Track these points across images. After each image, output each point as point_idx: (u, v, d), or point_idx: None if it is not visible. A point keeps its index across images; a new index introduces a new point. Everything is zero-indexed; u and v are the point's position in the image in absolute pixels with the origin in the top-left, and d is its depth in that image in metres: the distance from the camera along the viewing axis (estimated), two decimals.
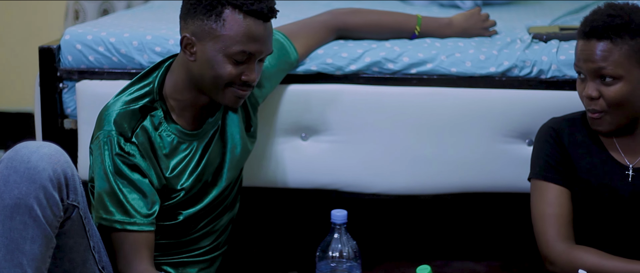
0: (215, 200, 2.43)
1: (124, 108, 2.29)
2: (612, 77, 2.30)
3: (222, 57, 2.25)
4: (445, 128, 2.69)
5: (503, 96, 2.68)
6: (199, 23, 2.24)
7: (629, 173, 2.41)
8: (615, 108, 2.33)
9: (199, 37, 2.25)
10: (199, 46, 2.26)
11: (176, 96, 2.34)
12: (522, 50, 2.72)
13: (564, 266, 2.35)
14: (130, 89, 2.34)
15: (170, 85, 2.34)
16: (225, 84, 2.28)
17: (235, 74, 2.27)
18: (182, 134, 2.35)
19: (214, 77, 2.27)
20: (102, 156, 2.26)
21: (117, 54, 2.73)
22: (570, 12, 3.46)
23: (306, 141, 2.73)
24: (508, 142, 2.69)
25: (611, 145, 2.44)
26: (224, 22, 2.23)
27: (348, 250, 2.28)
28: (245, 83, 2.29)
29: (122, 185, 2.25)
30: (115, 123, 2.27)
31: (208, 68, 2.26)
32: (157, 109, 2.32)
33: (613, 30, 2.29)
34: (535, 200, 2.45)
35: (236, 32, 2.23)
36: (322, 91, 2.69)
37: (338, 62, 2.69)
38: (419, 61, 2.69)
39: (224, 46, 2.24)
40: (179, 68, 2.33)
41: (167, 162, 2.33)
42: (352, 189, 2.74)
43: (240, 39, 2.24)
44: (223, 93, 2.30)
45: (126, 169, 2.26)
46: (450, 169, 2.72)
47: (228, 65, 2.26)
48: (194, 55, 2.27)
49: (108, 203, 2.25)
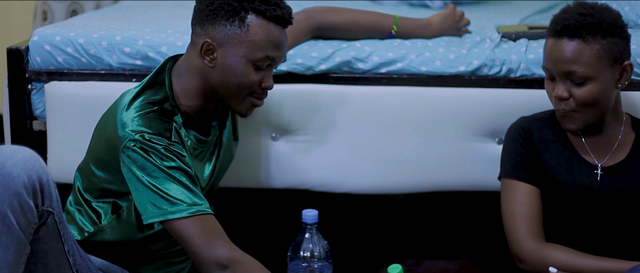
0: None
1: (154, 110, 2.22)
2: (583, 78, 2.31)
3: (246, 63, 2.24)
4: (415, 127, 2.70)
5: (473, 95, 2.69)
6: (221, 28, 2.23)
7: (597, 172, 2.42)
8: (585, 108, 2.34)
9: (220, 42, 2.24)
10: (220, 52, 2.24)
11: (187, 102, 2.31)
12: (492, 49, 2.73)
13: (534, 264, 2.36)
14: (142, 96, 2.26)
15: (178, 91, 2.31)
16: (248, 92, 2.28)
17: (257, 80, 2.27)
18: (197, 141, 2.33)
19: (237, 84, 2.26)
20: (148, 154, 2.16)
21: (86, 55, 2.71)
22: (539, 11, 3.48)
23: (277, 141, 2.73)
24: (478, 141, 2.70)
25: (580, 144, 2.45)
26: (248, 28, 2.22)
27: (319, 249, 2.28)
28: (264, 90, 2.30)
29: (180, 175, 2.17)
30: (149, 127, 2.19)
31: (230, 75, 2.25)
32: (177, 114, 2.28)
33: (585, 29, 2.30)
34: (506, 198, 2.46)
35: (260, 37, 2.23)
36: (292, 91, 2.69)
37: (308, 62, 2.69)
38: (388, 60, 2.70)
39: (249, 51, 2.23)
40: (191, 74, 2.29)
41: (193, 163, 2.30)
42: (323, 189, 2.74)
43: (264, 45, 2.24)
44: (242, 101, 2.30)
45: (179, 162, 2.18)
46: (420, 168, 2.72)
47: (251, 71, 2.25)
48: (214, 61, 2.25)
49: (170, 197, 2.14)
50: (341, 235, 2.67)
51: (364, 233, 3.00)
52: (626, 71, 2.36)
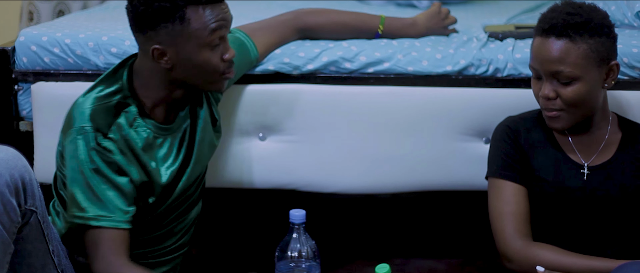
0: (181, 196, 2.42)
1: (97, 104, 2.25)
2: (570, 78, 2.31)
3: (200, 51, 2.25)
4: (402, 126, 2.70)
5: (460, 95, 2.69)
6: (164, 31, 2.22)
7: (584, 171, 2.43)
8: (571, 108, 2.35)
9: (168, 44, 2.24)
10: (171, 52, 2.24)
11: (148, 94, 2.31)
12: (479, 49, 2.74)
13: (521, 263, 2.37)
14: (98, 87, 2.30)
15: (139, 85, 2.32)
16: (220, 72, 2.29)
17: (218, 58, 2.27)
18: (157, 129, 2.33)
19: (202, 73, 2.28)
20: (77, 151, 2.21)
21: (73, 55, 2.71)
22: (526, 11, 3.49)
23: (264, 141, 2.73)
24: (465, 140, 2.70)
25: (566, 144, 2.46)
26: (189, 21, 2.22)
27: (307, 249, 2.28)
28: (229, 62, 2.31)
29: (99, 181, 2.22)
30: (91, 119, 2.23)
31: (191, 67, 2.26)
32: (130, 105, 2.30)
33: (572, 29, 2.30)
34: (493, 198, 2.46)
35: (202, 22, 2.23)
36: (279, 91, 2.69)
37: (295, 61, 2.69)
38: (376, 60, 2.70)
39: (198, 39, 2.23)
40: (147, 73, 2.30)
41: (146, 157, 2.31)
42: (311, 189, 2.74)
43: (210, 27, 2.23)
44: (214, 82, 2.32)
45: (104, 165, 2.22)
46: (408, 168, 2.73)
47: (209, 54, 2.26)
48: (170, 61, 2.25)
49: (81, 200, 2.21)
50: (329, 234, 2.67)
51: (352, 233, 3.00)
52: (613, 71, 2.36)
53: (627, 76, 2.67)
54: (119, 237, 2.22)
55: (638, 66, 2.66)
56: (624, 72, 2.66)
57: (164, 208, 2.39)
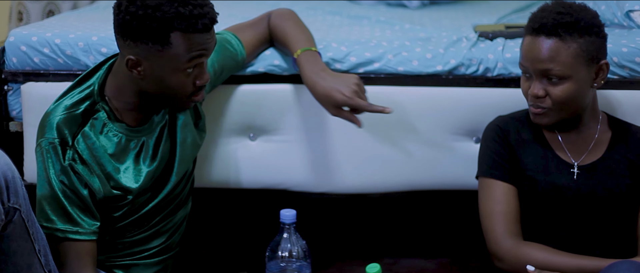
0: (167, 196, 2.41)
1: (65, 113, 2.27)
2: (559, 77, 2.32)
3: (173, 74, 2.23)
4: (393, 126, 2.70)
5: (450, 94, 2.69)
6: (144, 47, 2.20)
7: (574, 170, 2.44)
8: (560, 106, 2.36)
9: (144, 57, 2.22)
10: (146, 65, 2.23)
11: (120, 98, 2.32)
12: (469, 48, 2.74)
13: (512, 262, 2.37)
14: (71, 93, 2.31)
15: (113, 87, 2.31)
16: (188, 95, 2.27)
17: (190, 83, 2.26)
18: (129, 132, 2.33)
19: (171, 93, 2.27)
20: (45, 163, 2.24)
21: (63, 55, 2.70)
22: (516, 11, 3.49)
23: (254, 141, 2.73)
24: (455, 140, 2.71)
25: (556, 143, 2.46)
26: (170, 45, 2.20)
27: (297, 249, 2.28)
28: (200, 87, 2.29)
29: (66, 195, 2.24)
30: (58, 130, 2.25)
31: (161, 84, 2.25)
32: (99, 111, 2.30)
33: (562, 28, 2.30)
34: (483, 197, 2.47)
35: (184, 49, 2.20)
36: (269, 91, 2.69)
37: (285, 63, 2.68)
38: (366, 60, 2.70)
39: (174, 63, 2.21)
40: (123, 76, 2.29)
41: (116, 163, 2.31)
42: (301, 189, 2.74)
43: (189, 54, 2.21)
44: (181, 101, 2.30)
45: (70, 179, 2.25)
46: (398, 168, 2.73)
47: (181, 78, 2.24)
48: (142, 73, 2.24)
49: (49, 211, 2.24)
50: (319, 234, 2.67)
51: (343, 233, 3.00)
52: (602, 70, 2.37)
53: (617, 75, 2.67)
54: (85, 249, 2.25)
55: (628, 66, 2.67)
56: (614, 71, 2.66)
57: (151, 207, 2.39)
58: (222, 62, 2.54)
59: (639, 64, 2.66)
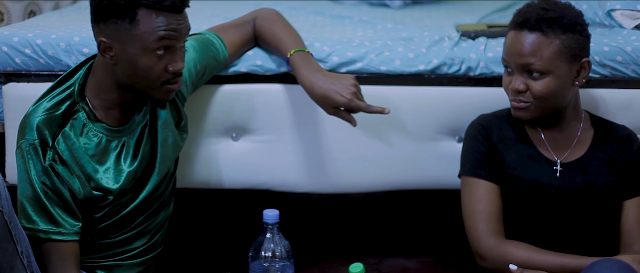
0: (149, 197, 2.41)
1: (45, 114, 2.26)
2: (540, 72, 2.33)
3: (143, 55, 2.22)
4: (376, 126, 2.70)
5: (432, 94, 2.70)
6: (113, 26, 2.22)
7: (556, 168, 2.44)
8: (541, 101, 2.37)
9: (115, 39, 2.23)
10: (117, 48, 2.23)
11: (100, 96, 2.31)
12: (451, 48, 2.75)
13: (494, 261, 2.38)
14: (51, 93, 2.31)
15: (92, 86, 2.31)
16: (161, 82, 2.26)
17: (162, 67, 2.24)
18: (109, 132, 2.32)
19: (143, 77, 2.25)
20: (26, 164, 2.24)
21: (44, 56, 2.69)
22: (498, 10, 3.50)
23: (237, 141, 2.73)
24: (438, 139, 2.71)
25: (539, 140, 2.47)
26: (138, 22, 2.20)
27: (281, 249, 2.28)
28: (174, 74, 2.27)
29: (47, 196, 2.24)
30: (38, 131, 2.25)
31: (133, 69, 2.24)
32: (79, 112, 2.30)
33: (545, 23, 2.32)
34: (466, 196, 2.47)
35: (151, 27, 2.20)
36: (252, 91, 2.69)
37: (268, 64, 2.68)
38: (348, 60, 2.70)
39: (143, 43, 2.21)
40: (101, 71, 2.30)
41: (96, 164, 2.31)
42: (284, 188, 2.74)
43: (157, 34, 2.21)
44: (156, 90, 2.28)
45: (52, 180, 2.24)
46: (381, 167, 2.73)
47: (153, 60, 2.23)
48: (114, 58, 2.24)
49: (31, 212, 2.23)
50: (302, 234, 2.67)
51: (326, 233, 3.01)
52: (584, 69, 2.38)
53: (599, 74, 2.68)
54: (68, 250, 2.25)
55: (609, 65, 2.68)
56: (596, 70, 2.67)
57: (132, 208, 2.38)
58: (204, 62, 2.54)
59: (621, 63, 2.68)
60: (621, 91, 2.68)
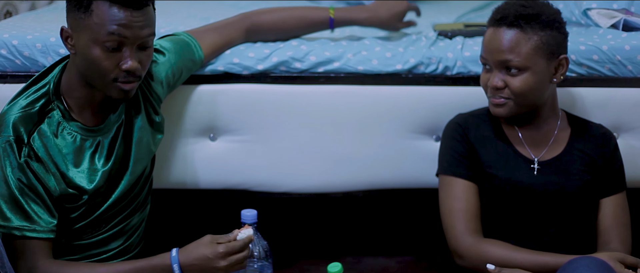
0: (123, 197, 2.40)
1: (21, 112, 2.25)
2: (518, 68, 2.34)
3: (94, 46, 2.21)
4: (353, 125, 2.70)
5: (410, 93, 2.70)
6: (72, 15, 2.23)
7: (534, 166, 2.45)
8: (519, 97, 2.38)
9: (73, 28, 2.24)
10: (74, 37, 2.24)
11: (73, 93, 2.31)
12: (428, 47, 2.75)
13: (472, 259, 2.38)
14: (27, 91, 2.30)
15: (65, 83, 2.31)
16: (111, 78, 2.24)
17: (113, 63, 2.22)
18: (84, 131, 2.32)
19: (93, 70, 2.24)
20: (1, 162, 2.23)
21: (21, 56, 2.68)
22: (475, 9, 3.51)
23: (215, 141, 2.72)
24: (415, 138, 2.72)
25: (516, 139, 2.48)
26: (91, 12, 2.20)
27: (259, 249, 2.28)
28: (127, 73, 2.25)
29: (23, 193, 2.23)
30: (14, 128, 2.23)
31: (86, 60, 2.23)
32: (54, 110, 2.29)
33: (524, 19, 2.34)
34: (444, 195, 2.48)
35: (103, 19, 2.19)
36: (229, 91, 2.68)
37: (245, 62, 2.68)
38: (326, 59, 2.70)
39: (93, 33, 2.20)
40: (71, 66, 2.31)
41: (70, 164, 2.30)
42: (262, 188, 2.74)
43: (108, 25, 2.19)
44: (108, 86, 2.26)
45: (28, 178, 2.23)
46: (359, 167, 2.73)
47: (102, 54, 2.21)
48: (74, 47, 2.25)
49: (5, 210, 2.22)
50: (281, 234, 2.67)
51: (304, 232, 3.00)
52: (562, 66, 2.39)
53: (575, 73, 2.69)
54: (44, 246, 2.25)
55: (586, 63, 2.69)
56: (572, 69, 2.68)
57: (106, 207, 2.37)
58: (180, 63, 2.54)
59: (597, 61, 2.69)
60: (597, 90, 2.70)
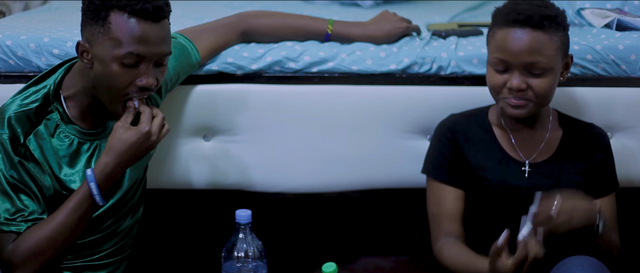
0: (118, 202, 2.40)
1: (18, 110, 2.25)
2: (543, 69, 2.33)
3: (111, 62, 2.19)
4: (347, 125, 2.71)
5: (404, 93, 2.70)
6: (90, 29, 2.21)
7: (525, 169, 2.45)
8: (541, 99, 2.37)
9: (90, 43, 2.21)
10: (92, 52, 2.22)
11: (75, 98, 2.30)
12: (422, 47, 2.75)
13: (439, 261, 2.44)
14: (27, 91, 2.30)
15: (68, 88, 2.30)
16: (124, 93, 2.23)
17: (128, 79, 2.21)
18: (82, 135, 2.31)
19: (108, 86, 2.22)
20: None
21: (14, 57, 2.67)
22: (469, 9, 3.51)
23: (209, 141, 2.72)
24: (409, 138, 2.72)
25: (507, 142, 2.48)
26: (109, 26, 2.18)
27: (253, 249, 2.27)
28: (142, 89, 2.24)
29: (17, 187, 2.22)
30: (9, 125, 2.23)
31: (102, 75, 2.21)
32: (52, 112, 2.28)
33: (548, 20, 2.32)
34: (428, 197, 2.53)
35: (122, 34, 2.17)
36: (223, 91, 2.68)
37: (239, 61, 2.68)
38: (320, 59, 2.70)
39: (111, 50, 2.18)
40: (78, 74, 2.29)
41: (66, 166, 2.29)
42: (256, 188, 2.74)
43: (126, 41, 2.18)
44: (118, 102, 2.25)
45: (22, 172, 2.22)
46: (353, 167, 2.73)
47: (119, 70, 2.20)
48: (91, 62, 2.23)
49: None
50: (275, 234, 2.66)
51: (298, 233, 3.00)
52: (568, 64, 2.40)
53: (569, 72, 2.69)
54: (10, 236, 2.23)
55: (579, 63, 2.69)
56: None
57: (101, 213, 2.36)
58: (178, 68, 2.54)
59: (590, 61, 2.69)
60: (591, 89, 2.70)
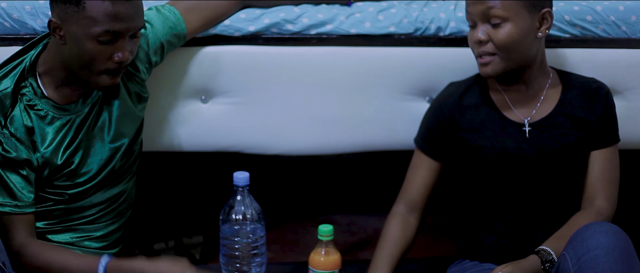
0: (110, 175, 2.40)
1: None
2: (500, 18, 2.34)
3: (87, 40, 2.19)
4: (346, 87, 2.70)
5: (402, 54, 2.69)
6: (62, 7, 2.20)
7: (525, 129, 2.45)
8: (504, 51, 2.37)
9: (63, 20, 2.21)
10: (65, 29, 2.21)
11: (51, 73, 2.30)
12: (421, 8, 2.74)
13: None
14: (3, 69, 2.30)
15: (44, 63, 2.30)
16: (101, 69, 2.23)
17: (105, 55, 2.22)
18: (55, 109, 2.31)
19: (85, 62, 2.22)
20: None
21: (9, 19, 2.66)
22: None
23: (206, 103, 2.71)
24: (408, 100, 2.71)
25: (504, 104, 2.48)
26: (84, 5, 2.17)
27: (251, 212, 2.28)
28: (119, 63, 2.24)
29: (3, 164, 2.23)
30: None
31: (77, 52, 2.22)
32: (26, 87, 2.28)
33: None
34: None
35: (97, 12, 2.17)
36: (221, 53, 2.67)
37: (237, 23, 2.67)
38: (318, 22, 2.69)
39: (87, 28, 2.18)
40: (53, 48, 2.29)
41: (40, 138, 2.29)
42: (254, 151, 2.74)
43: (101, 20, 2.18)
44: (95, 77, 2.26)
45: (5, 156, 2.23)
46: (351, 128, 2.73)
47: (96, 47, 2.20)
48: (64, 39, 2.22)
49: None
50: (273, 196, 2.67)
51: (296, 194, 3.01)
52: (546, 19, 2.39)
53: (569, 33, 2.69)
54: (26, 220, 2.26)
55: (579, 24, 2.68)
56: (566, 29, 2.68)
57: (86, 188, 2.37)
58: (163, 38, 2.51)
59: (590, 22, 2.68)
60: (591, 51, 2.69)
